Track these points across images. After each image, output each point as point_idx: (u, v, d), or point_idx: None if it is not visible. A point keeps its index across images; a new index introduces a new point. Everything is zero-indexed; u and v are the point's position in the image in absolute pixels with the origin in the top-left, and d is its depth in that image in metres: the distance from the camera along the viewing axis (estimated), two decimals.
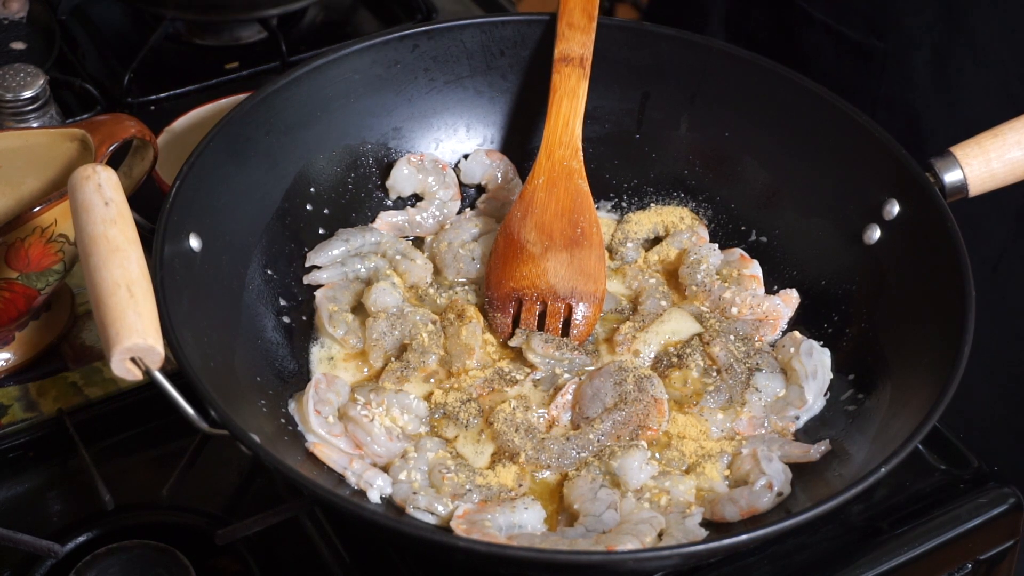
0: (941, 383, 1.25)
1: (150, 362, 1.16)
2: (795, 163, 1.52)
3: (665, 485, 1.33)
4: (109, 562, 1.32)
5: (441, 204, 1.57)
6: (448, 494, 1.31)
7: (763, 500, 1.30)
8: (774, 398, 1.42)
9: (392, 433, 1.35)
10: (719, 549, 1.22)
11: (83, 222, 1.21)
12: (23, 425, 1.46)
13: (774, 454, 1.34)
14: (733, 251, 1.55)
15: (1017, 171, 1.42)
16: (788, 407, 1.41)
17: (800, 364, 1.42)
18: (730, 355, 1.43)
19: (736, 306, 1.48)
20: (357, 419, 1.34)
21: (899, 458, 1.20)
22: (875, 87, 1.45)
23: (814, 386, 1.41)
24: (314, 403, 1.35)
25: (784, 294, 1.51)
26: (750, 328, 1.47)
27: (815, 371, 1.41)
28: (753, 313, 1.48)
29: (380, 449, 1.34)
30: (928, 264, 1.39)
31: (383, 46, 1.53)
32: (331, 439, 1.34)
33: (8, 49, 1.86)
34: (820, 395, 1.41)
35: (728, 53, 1.55)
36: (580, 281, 1.47)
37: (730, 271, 1.52)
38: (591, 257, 1.49)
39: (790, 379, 1.42)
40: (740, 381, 1.42)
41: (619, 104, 1.59)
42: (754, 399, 1.41)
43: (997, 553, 1.46)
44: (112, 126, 1.43)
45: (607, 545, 1.24)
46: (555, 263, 1.48)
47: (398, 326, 1.44)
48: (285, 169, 1.50)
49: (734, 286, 1.50)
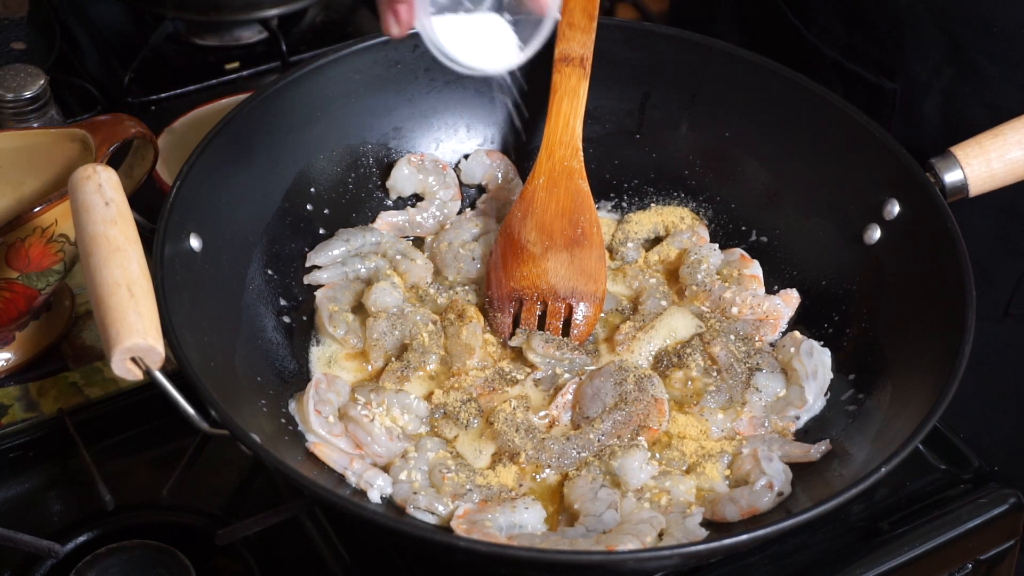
0: (941, 383, 1.25)
1: (150, 362, 1.16)
2: (795, 163, 1.52)
3: (665, 485, 1.33)
4: (109, 562, 1.32)
5: (441, 204, 1.57)
6: (448, 494, 1.31)
7: (763, 500, 1.30)
8: (774, 398, 1.42)
9: (392, 433, 1.35)
10: (719, 549, 1.22)
11: (83, 222, 1.21)
12: (23, 425, 1.46)
13: (774, 454, 1.34)
14: (733, 251, 1.55)
15: (1017, 171, 1.42)
16: (788, 407, 1.41)
17: (800, 364, 1.42)
18: (730, 355, 1.43)
19: (737, 306, 1.48)
20: (357, 419, 1.34)
21: (899, 458, 1.20)
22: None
23: (814, 386, 1.41)
24: (314, 403, 1.35)
25: (784, 294, 1.51)
26: (750, 328, 1.47)
27: (815, 371, 1.41)
28: (753, 313, 1.48)
29: (380, 449, 1.34)
30: (928, 264, 1.39)
31: (383, 46, 1.52)
32: (331, 439, 1.34)
33: (8, 49, 1.86)
34: (820, 395, 1.41)
35: (729, 53, 1.55)
36: (580, 281, 1.47)
37: (730, 271, 1.52)
38: (591, 257, 1.49)
39: (790, 379, 1.42)
40: (740, 381, 1.42)
41: (620, 104, 1.59)
42: (754, 399, 1.41)
43: (997, 553, 1.46)
44: (112, 126, 1.43)
45: (607, 545, 1.24)
46: (555, 263, 1.48)
47: (398, 326, 1.44)
48: (285, 169, 1.50)
49: (734, 286, 1.50)
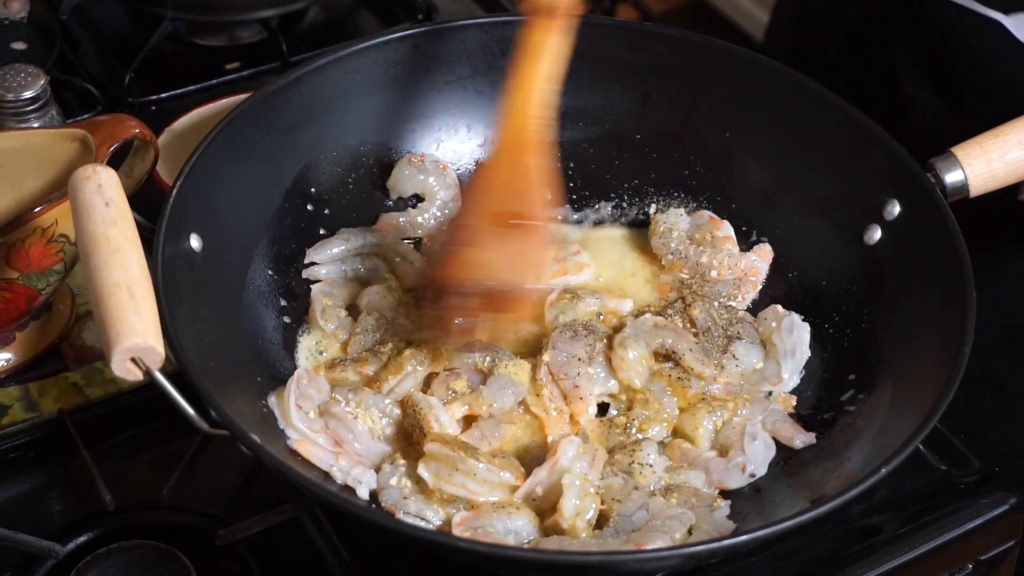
0: (941, 384, 1.25)
1: (150, 362, 1.16)
2: (796, 163, 1.52)
3: (681, 479, 1.32)
4: (109, 562, 1.32)
5: (442, 204, 1.57)
6: (437, 500, 1.29)
7: (734, 479, 1.32)
8: (751, 369, 1.43)
9: (375, 433, 1.34)
10: (718, 550, 1.22)
11: (83, 222, 1.21)
12: (24, 425, 1.45)
13: (760, 433, 1.35)
14: (701, 214, 1.55)
15: (1019, 171, 1.41)
16: (763, 381, 1.42)
17: (780, 340, 1.43)
18: (709, 318, 1.44)
19: (715, 268, 1.49)
20: (341, 416, 1.32)
21: (899, 459, 1.20)
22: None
23: (791, 364, 1.42)
24: (295, 398, 1.33)
25: (758, 249, 1.52)
26: (731, 288, 1.48)
27: (793, 350, 1.42)
28: (732, 273, 1.48)
29: (361, 448, 1.32)
30: (929, 264, 1.39)
31: (384, 46, 1.52)
32: (311, 435, 1.31)
33: (9, 49, 1.86)
34: (796, 373, 1.43)
35: (729, 53, 1.55)
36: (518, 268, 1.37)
37: (703, 235, 1.52)
38: (531, 244, 1.38)
39: (768, 353, 1.43)
40: (717, 345, 1.43)
41: (620, 104, 1.59)
42: (731, 366, 1.42)
43: (997, 554, 1.46)
44: (113, 126, 1.43)
45: (637, 544, 1.23)
46: (493, 250, 1.36)
47: (381, 329, 1.43)
48: (286, 169, 1.50)
49: (709, 249, 1.50)
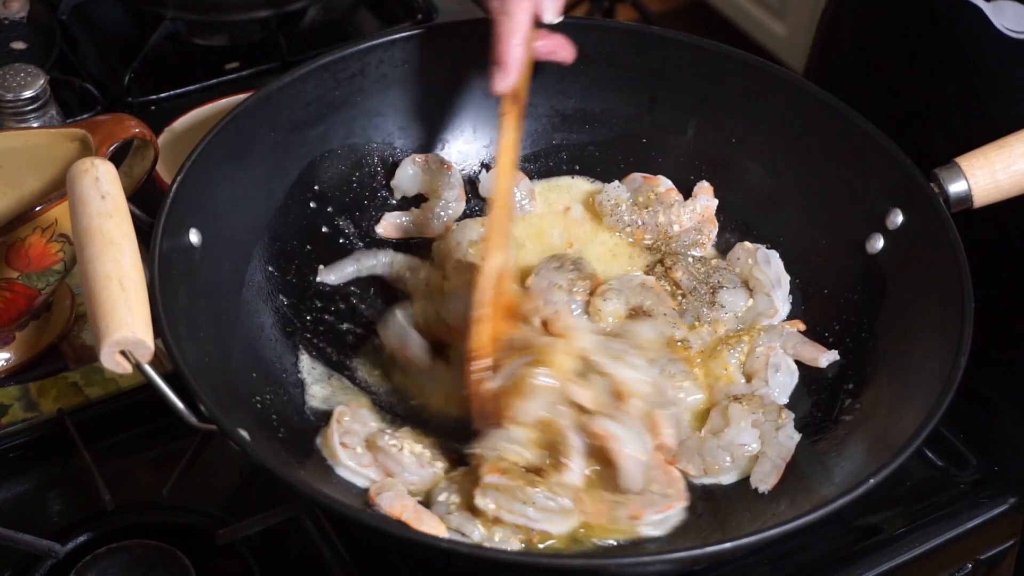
0: (935, 395, 1.24)
1: (139, 355, 1.16)
2: (800, 170, 1.52)
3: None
4: (109, 562, 1.31)
5: (446, 205, 1.56)
6: (484, 520, 1.26)
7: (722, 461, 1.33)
8: (743, 310, 1.45)
9: (423, 460, 1.31)
10: (711, 555, 1.22)
11: (79, 215, 1.21)
12: (23, 425, 1.45)
13: (783, 360, 1.39)
14: (633, 177, 1.56)
15: (1023, 183, 1.41)
16: (761, 317, 1.44)
17: (762, 274, 1.46)
18: (692, 277, 1.46)
19: (675, 223, 1.50)
20: (386, 449, 1.30)
21: (894, 465, 1.20)
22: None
23: (780, 293, 1.46)
24: (339, 436, 1.31)
25: (699, 187, 1.55)
26: (696, 236, 1.51)
27: (778, 278, 1.46)
28: (692, 219, 1.51)
29: (413, 477, 1.30)
30: (930, 275, 1.38)
31: (390, 45, 1.52)
32: (361, 470, 1.30)
33: (8, 49, 1.86)
34: (787, 300, 1.46)
35: (737, 59, 1.55)
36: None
37: (646, 196, 1.53)
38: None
39: (755, 290, 1.46)
40: (705, 301, 1.45)
41: (626, 108, 1.59)
42: (723, 316, 1.44)
43: (997, 553, 1.46)
44: (113, 126, 1.43)
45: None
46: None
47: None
48: (289, 166, 1.50)
49: (659, 207, 1.52)
